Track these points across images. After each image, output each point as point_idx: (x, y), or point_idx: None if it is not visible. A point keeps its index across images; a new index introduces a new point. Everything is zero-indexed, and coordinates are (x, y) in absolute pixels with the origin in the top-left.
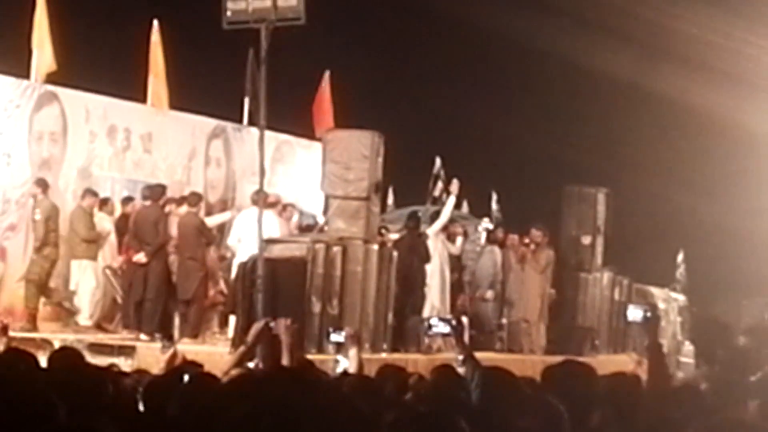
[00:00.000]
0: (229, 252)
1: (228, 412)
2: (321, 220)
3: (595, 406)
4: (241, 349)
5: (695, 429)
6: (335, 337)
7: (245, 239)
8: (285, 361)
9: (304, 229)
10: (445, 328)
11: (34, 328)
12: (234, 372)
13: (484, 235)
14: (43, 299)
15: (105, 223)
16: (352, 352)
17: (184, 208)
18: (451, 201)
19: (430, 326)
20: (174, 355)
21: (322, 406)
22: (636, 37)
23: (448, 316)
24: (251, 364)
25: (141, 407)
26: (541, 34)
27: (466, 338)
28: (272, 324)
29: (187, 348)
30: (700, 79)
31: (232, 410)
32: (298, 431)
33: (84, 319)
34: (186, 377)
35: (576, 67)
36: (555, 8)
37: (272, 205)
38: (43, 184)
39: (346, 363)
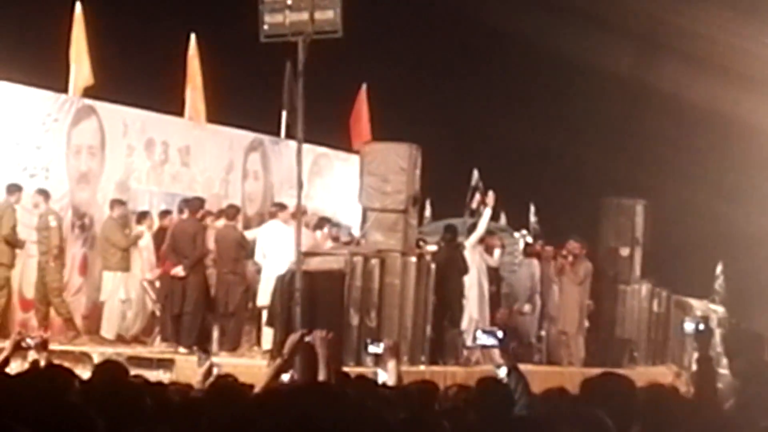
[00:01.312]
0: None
1: (254, 425)
2: (357, 233)
3: (634, 418)
4: (278, 361)
5: None
6: (373, 349)
7: (270, 254)
8: (321, 373)
9: (337, 240)
10: (490, 340)
11: (79, 334)
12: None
13: (521, 247)
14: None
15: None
16: (391, 364)
17: (221, 222)
18: (488, 213)
19: (475, 338)
20: (211, 368)
21: (348, 419)
22: (675, 47)
23: (493, 328)
24: (287, 376)
25: (179, 421)
26: (580, 47)
27: None
28: (308, 337)
29: (225, 361)
30: (741, 90)
31: (258, 424)
32: None
33: (106, 331)
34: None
35: (614, 80)
36: (596, 22)
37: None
38: (44, 194)
39: (385, 376)
